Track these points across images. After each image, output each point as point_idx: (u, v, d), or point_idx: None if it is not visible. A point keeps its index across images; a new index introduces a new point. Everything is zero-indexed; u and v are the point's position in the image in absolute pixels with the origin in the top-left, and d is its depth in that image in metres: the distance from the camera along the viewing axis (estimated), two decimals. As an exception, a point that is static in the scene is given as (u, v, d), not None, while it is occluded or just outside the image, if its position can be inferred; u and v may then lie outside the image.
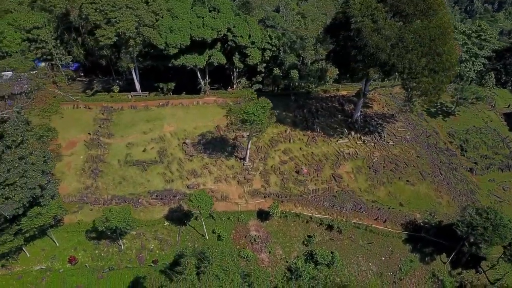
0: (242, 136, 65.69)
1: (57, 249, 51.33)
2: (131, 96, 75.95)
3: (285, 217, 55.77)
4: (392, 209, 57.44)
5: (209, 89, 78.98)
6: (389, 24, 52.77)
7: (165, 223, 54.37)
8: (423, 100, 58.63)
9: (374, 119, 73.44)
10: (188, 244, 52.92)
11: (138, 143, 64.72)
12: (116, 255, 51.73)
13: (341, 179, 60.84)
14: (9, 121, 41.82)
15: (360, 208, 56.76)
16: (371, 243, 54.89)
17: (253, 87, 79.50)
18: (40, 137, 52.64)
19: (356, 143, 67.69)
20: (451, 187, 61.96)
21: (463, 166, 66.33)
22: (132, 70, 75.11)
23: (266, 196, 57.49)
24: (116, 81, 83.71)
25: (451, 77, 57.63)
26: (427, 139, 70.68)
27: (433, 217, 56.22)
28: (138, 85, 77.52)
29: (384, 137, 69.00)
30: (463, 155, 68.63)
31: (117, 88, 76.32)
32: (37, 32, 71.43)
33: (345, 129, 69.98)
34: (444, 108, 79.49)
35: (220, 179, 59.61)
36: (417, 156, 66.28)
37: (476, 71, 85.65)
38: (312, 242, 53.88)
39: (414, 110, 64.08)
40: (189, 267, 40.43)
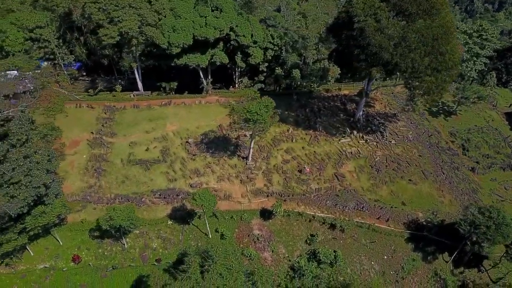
0: (245, 136, 65.78)
1: (60, 248, 51.48)
2: (134, 96, 76.08)
3: (288, 216, 55.86)
4: (394, 208, 57.58)
5: (211, 88, 79.09)
6: (392, 24, 52.88)
7: (168, 222, 54.49)
8: (425, 99, 58.60)
9: (376, 118, 73.57)
10: (192, 243, 53.03)
11: (141, 142, 64.82)
12: (120, 254, 51.83)
13: (344, 178, 60.97)
14: (13, 120, 41.77)
15: (363, 207, 56.91)
16: (373, 242, 55.03)
17: (255, 87, 79.64)
18: (44, 136, 52.74)
19: (359, 142, 67.79)
20: (453, 186, 62.10)
21: (465, 166, 66.42)
22: (135, 70, 75.26)
23: (269, 195, 57.61)
24: (118, 80, 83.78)
25: (453, 76, 57.81)
26: (429, 139, 70.82)
27: (435, 216, 56.40)
28: (140, 85, 77.64)
29: (386, 136, 69.14)
30: (465, 155, 68.75)
31: (120, 88, 76.39)
32: (40, 32, 71.43)
33: (348, 129, 70.08)
34: (445, 107, 79.67)
35: (223, 178, 59.73)
36: (419, 156, 66.42)
37: (477, 70, 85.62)
38: (315, 241, 54.00)
39: (416, 110, 64.20)
40: (193, 265, 40.61)
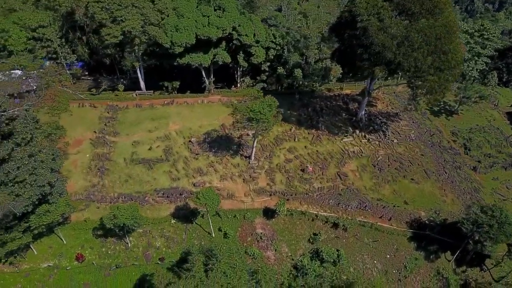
0: (247, 135, 65.91)
1: (64, 246, 51.53)
2: (136, 95, 76.18)
3: (290, 215, 55.96)
4: (397, 207, 57.70)
5: (214, 88, 79.20)
6: (395, 23, 53.03)
7: (172, 221, 54.60)
8: (428, 99, 58.78)
9: (378, 117, 73.72)
10: (195, 241, 53.09)
11: (144, 141, 64.91)
12: (123, 253, 51.90)
13: (346, 177, 61.10)
14: (18, 118, 41.86)
15: (365, 206, 57.05)
16: (376, 241, 55.18)
17: (256, 86, 79.75)
18: (48, 134, 52.73)
19: (361, 141, 67.94)
20: (455, 185, 62.23)
21: (466, 165, 66.60)
22: (137, 69, 75.35)
23: (272, 194, 57.73)
24: (121, 79, 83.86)
25: (456, 75, 57.94)
26: (431, 138, 70.98)
27: (437, 215, 56.56)
28: (143, 84, 77.75)
29: (389, 135, 69.26)
30: (467, 154, 68.94)
31: (122, 87, 76.44)
32: (42, 31, 71.34)
33: (350, 128, 70.23)
34: (447, 107, 79.82)
35: (225, 177, 59.84)
36: (422, 155, 66.58)
37: (478, 70, 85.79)
38: (317, 240, 54.14)
39: (418, 109, 64.43)
40: (197, 264, 40.64)
